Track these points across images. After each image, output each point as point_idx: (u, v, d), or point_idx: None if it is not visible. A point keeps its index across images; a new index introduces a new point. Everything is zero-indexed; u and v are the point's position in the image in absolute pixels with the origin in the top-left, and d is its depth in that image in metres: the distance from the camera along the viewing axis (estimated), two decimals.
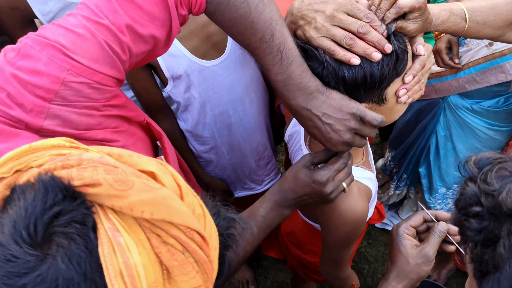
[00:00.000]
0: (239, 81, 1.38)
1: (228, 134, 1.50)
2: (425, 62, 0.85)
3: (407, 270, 0.87)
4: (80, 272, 0.40)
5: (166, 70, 1.29)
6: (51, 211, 0.41)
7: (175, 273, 0.44)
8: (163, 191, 0.45)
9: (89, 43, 0.65)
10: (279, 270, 2.36)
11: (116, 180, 0.42)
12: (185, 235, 0.45)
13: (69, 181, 0.42)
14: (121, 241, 0.41)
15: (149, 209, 0.42)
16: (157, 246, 0.43)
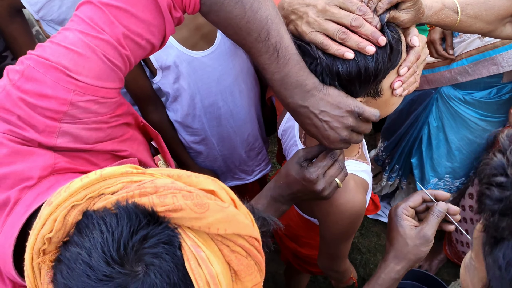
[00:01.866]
0: (229, 72, 1.37)
1: (218, 125, 1.49)
2: (419, 53, 0.84)
3: (405, 251, 0.86)
4: (169, 283, 0.46)
5: (155, 60, 1.28)
6: (138, 234, 0.46)
7: (242, 275, 0.51)
8: (231, 209, 0.52)
9: (90, 61, 0.66)
10: (272, 261, 2.36)
11: (195, 204, 0.49)
12: (248, 243, 0.52)
13: (152, 207, 0.48)
14: (203, 256, 0.48)
15: (223, 226, 0.49)
16: (227, 255, 0.51)
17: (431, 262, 2.25)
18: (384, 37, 0.76)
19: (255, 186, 1.86)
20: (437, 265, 2.26)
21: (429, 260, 2.26)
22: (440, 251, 2.23)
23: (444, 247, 2.17)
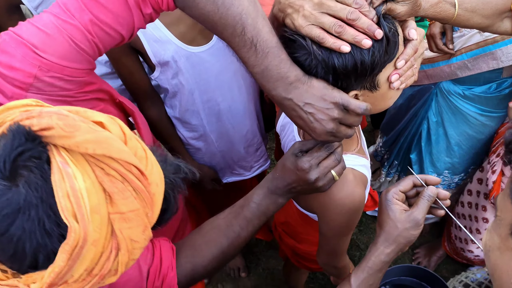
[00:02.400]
0: (227, 67, 1.36)
1: (216, 121, 1.48)
2: (417, 46, 0.83)
3: (395, 234, 0.87)
4: (37, 196, 0.51)
5: (153, 56, 1.27)
6: (16, 150, 0.51)
7: (116, 198, 0.54)
8: (105, 133, 0.55)
9: (57, 42, 0.74)
10: (270, 257, 2.36)
11: (66, 124, 0.53)
12: (123, 168, 0.55)
13: (29, 127, 0.52)
14: (69, 171, 0.52)
15: (92, 146, 0.53)
16: (100, 176, 0.54)
17: (430, 259, 2.25)
18: (381, 30, 0.75)
19: (253, 182, 1.85)
20: (436, 261, 2.26)
21: (428, 257, 2.25)
22: (439, 247, 2.22)
23: (443, 243, 2.17)
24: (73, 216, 0.51)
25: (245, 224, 0.93)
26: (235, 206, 0.97)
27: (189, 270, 0.92)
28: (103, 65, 1.42)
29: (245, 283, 2.28)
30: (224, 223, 0.94)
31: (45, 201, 0.51)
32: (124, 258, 0.58)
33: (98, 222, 0.53)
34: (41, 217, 0.51)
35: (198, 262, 0.92)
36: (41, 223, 0.51)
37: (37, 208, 0.51)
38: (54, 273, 0.52)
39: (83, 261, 0.53)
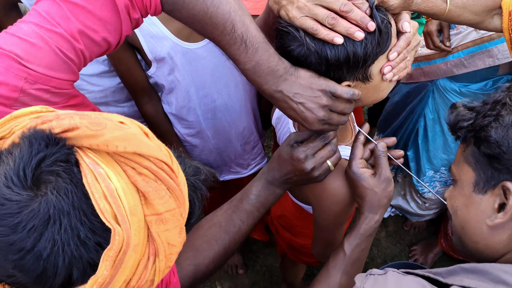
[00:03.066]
0: (223, 64, 1.35)
1: (213, 118, 1.48)
2: (410, 39, 0.85)
3: (377, 199, 0.91)
4: (68, 202, 0.46)
5: (149, 52, 1.27)
6: (37, 157, 0.46)
7: (151, 198, 0.50)
8: (133, 130, 0.52)
9: (43, 51, 0.68)
10: (268, 255, 2.36)
11: (91, 123, 0.49)
12: (155, 166, 0.51)
13: (50, 130, 0.48)
14: (101, 172, 0.47)
15: (122, 144, 0.48)
16: (132, 176, 0.49)
17: (426, 256, 2.26)
18: (373, 23, 0.76)
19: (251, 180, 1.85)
20: (432, 258, 2.26)
21: (425, 254, 2.26)
22: (436, 244, 2.23)
23: (439, 240, 2.18)
24: (114, 218, 0.47)
25: (245, 217, 0.94)
26: (233, 200, 0.97)
27: (191, 272, 0.90)
28: (100, 63, 1.41)
29: (243, 281, 2.28)
30: (224, 218, 0.94)
31: (77, 207, 0.47)
32: (161, 265, 0.53)
33: (136, 225, 0.49)
34: (74, 225, 0.46)
35: (201, 263, 0.91)
36: (75, 232, 0.46)
37: (70, 215, 0.46)
38: (98, 285, 0.47)
39: (124, 270, 0.49)
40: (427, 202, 1.97)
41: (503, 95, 0.69)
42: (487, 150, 0.66)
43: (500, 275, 0.61)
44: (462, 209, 0.72)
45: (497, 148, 0.65)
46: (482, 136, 0.67)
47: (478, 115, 0.69)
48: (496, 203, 0.66)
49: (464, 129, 0.70)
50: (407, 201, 2.08)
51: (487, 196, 0.67)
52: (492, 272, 0.62)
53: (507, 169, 0.64)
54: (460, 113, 0.71)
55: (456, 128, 0.72)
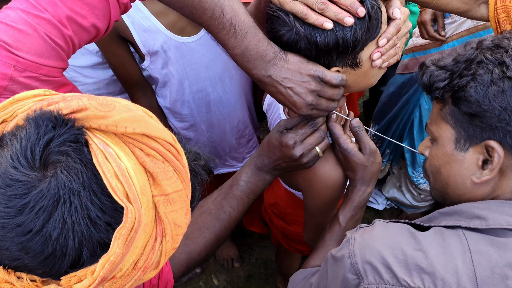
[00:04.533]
0: (218, 58, 1.34)
1: (207, 111, 1.47)
2: (401, 26, 0.84)
3: (368, 171, 0.93)
4: (79, 182, 0.46)
5: (142, 45, 1.25)
6: (45, 137, 0.45)
7: (159, 178, 0.50)
8: (141, 112, 0.52)
9: (31, 38, 0.67)
10: (264, 247, 2.36)
11: (100, 104, 0.49)
12: (163, 147, 0.51)
13: (57, 111, 0.47)
14: (111, 152, 0.47)
15: (131, 125, 0.49)
16: (141, 157, 0.49)
17: None
18: (363, 8, 0.76)
19: None
20: None
21: None
22: None
23: None
24: (125, 196, 0.47)
25: (235, 204, 0.94)
26: (222, 187, 0.97)
27: (184, 260, 0.90)
28: (94, 55, 1.40)
29: (239, 273, 2.28)
30: (214, 206, 0.94)
31: (88, 187, 0.46)
32: (168, 246, 0.54)
33: (146, 204, 0.49)
34: (85, 205, 0.46)
35: (192, 250, 0.91)
36: (85, 211, 0.46)
37: (80, 195, 0.46)
38: (110, 263, 0.46)
39: (134, 250, 0.49)
40: (422, 193, 1.97)
41: (476, 53, 0.69)
42: (468, 109, 0.67)
43: (474, 211, 0.65)
44: (445, 167, 0.73)
45: (479, 107, 0.65)
46: (461, 96, 0.67)
47: (454, 75, 0.69)
48: (480, 160, 0.67)
49: (440, 89, 0.71)
50: (402, 193, 2.08)
51: (470, 153, 0.68)
52: (466, 210, 0.67)
53: (489, 126, 0.65)
54: (434, 74, 0.71)
55: (433, 89, 0.72)
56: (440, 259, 0.62)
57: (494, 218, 0.64)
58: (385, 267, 0.64)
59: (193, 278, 2.22)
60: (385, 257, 0.65)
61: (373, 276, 0.65)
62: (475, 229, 0.64)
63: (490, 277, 0.60)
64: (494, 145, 0.65)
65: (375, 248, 0.67)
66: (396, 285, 0.63)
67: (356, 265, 0.67)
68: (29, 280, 0.49)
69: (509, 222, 0.63)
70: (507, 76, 0.64)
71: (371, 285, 0.65)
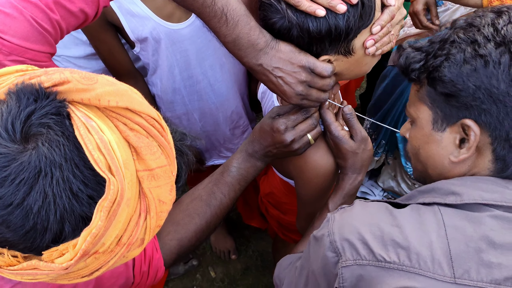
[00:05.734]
0: (208, 45, 1.34)
1: (199, 99, 1.47)
2: (394, 13, 0.84)
3: (358, 159, 0.93)
4: (60, 154, 0.45)
5: (131, 31, 1.25)
6: (26, 110, 0.45)
7: (143, 153, 0.50)
8: (124, 86, 0.51)
9: (17, 21, 0.66)
10: (260, 239, 2.37)
11: (82, 77, 0.48)
12: (147, 122, 0.51)
13: (39, 84, 0.46)
14: (93, 124, 0.47)
15: (114, 99, 0.48)
16: (124, 131, 0.49)
17: None
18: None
19: None
20: None
21: None
22: None
23: None
24: (108, 169, 0.46)
25: (226, 190, 0.94)
26: (214, 174, 0.97)
27: (174, 247, 0.90)
28: (88, 45, 1.39)
29: (235, 266, 2.28)
30: (205, 192, 0.94)
31: (70, 160, 0.46)
32: (152, 223, 0.53)
33: (129, 179, 0.48)
34: (66, 177, 0.45)
35: (183, 237, 0.91)
36: (67, 184, 0.45)
37: (62, 168, 0.45)
38: (92, 236, 0.46)
39: (117, 224, 0.48)
40: (416, 183, 1.97)
41: (450, 32, 0.69)
42: (443, 89, 0.67)
43: (449, 188, 0.66)
44: (424, 148, 0.74)
45: (453, 87, 0.65)
46: (436, 77, 0.67)
47: (429, 56, 0.69)
48: (457, 139, 0.68)
49: (416, 71, 0.71)
50: (398, 183, 2.08)
51: (447, 133, 0.69)
52: (442, 187, 0.67)
53: (465, 105, 0.65)
54: (410, 55, 0.71)
55: (409, 71, 0.72)
56: (415, 234, 0.63)
57: (468, 193, 0.64)
58: (362, 243, 0.65)
59: (190, 270, 2.23)
60: (362, 234, 0.66)
61: (350, 253, 0.66)
62: (451, 204, 0.65)
63: (464, 250, 0.60)
64: (470, 123, 0.65)
65: (353, 225, 0.68)
66: (372, 260, 0.64)
67: (335, 243, 0.68)
68: (11, 256, 0.49)
69: (483, 197, 0.63)
70: (479, 55, 0.63)
71: (348, 261, 0.66)
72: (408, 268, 0.62)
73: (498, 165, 0.66)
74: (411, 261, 0.62)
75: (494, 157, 0.66)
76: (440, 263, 0.60)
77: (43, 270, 0.48)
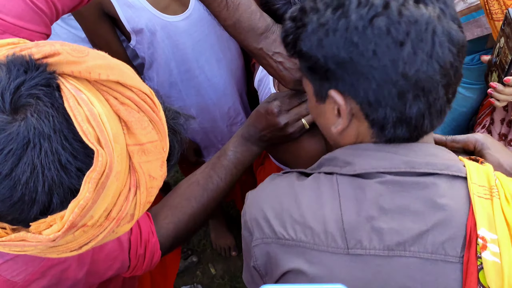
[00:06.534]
0: (204, 39, 1.34)
1: (196, 94, 1.46)
2: None
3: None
4: (49, 125, 0.45)
5: (126, 22, 1.24)
6: (16, 81, 0.45)
7: (134, 127, 0.50)
8: (115, 60, 0.51)
9: (12, 0, 0.66)
10: None
11: (73, 49, 0.48)
12: (138, 97, 0.50)
13: (29, 56, 0.46)
14: (83, 97, 0.46)
15: (105, 72, 0.48)
16: (115, 105, 0.49)
17: None
18: None
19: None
20: None
21: None
22: None
23: None
24: (97, 141, 0.46)
25: (223, 173, 0.93)
26: (212, 159, 0.97)
27: (171, 231, 0.89)
28: (87, 42, 1.39)
29: (236, 262, 2.28)
30: (202, 176, 0.94)
31: (59, 131, 0.45)
32: (142, 198, 0.53)
33: (119, 152, 0.48)
34: (55, 149, 0.45)
35: (180, 220, 0.90)
36: (56, 156, 0.45)
37: (50, 139, 0.45)
38: (80, 207, 0.46)
39: (105, 197, 0.48)
40: None
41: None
42: (305, 63, 0.65)
43: (346, 158, 0.66)
44: (317, 120, 0.73)
45: (310, 59, 0.63)
46: (298, 51, 0.65)
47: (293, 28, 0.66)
48: (335, 110, 0.65)
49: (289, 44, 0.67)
50: None
51: (326, 104, 0.66)
52: (340, 157, 0.67)
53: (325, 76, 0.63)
54: (285, 27, 0.68)
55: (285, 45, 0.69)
56: (310, 208, 0.63)
57: (360, 163, 0.64)
58: (266, 221, 0.65)
59: (189, 267, 2.22)
60: (265, 212, 0.66)
61: (258, 231, 0.66)
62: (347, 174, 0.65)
63: (356, 220, 0.60)
64: (333, 94, 0.63)
65: (259, 203, 0.68)
66: (274, 237, 0.64)
67: (247, 222, 0.69)
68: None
69: (372, 165, 0.63)
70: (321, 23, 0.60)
71: (257, 240, 0.66)
72: (304, 244, 0.62)
73: (375, 129, 0.64)
74: (307, 236, 0.62)
75: (369, 123, 0.63)
76: (334, 235, 0.61)
77: (31, 242, 0.48)
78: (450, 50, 0.59)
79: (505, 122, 1.58)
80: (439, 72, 0.59)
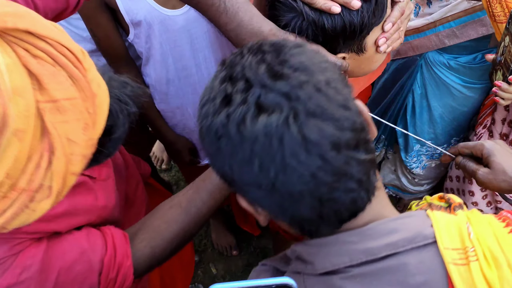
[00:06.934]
0: (203, 36, 1.32)
1: (193, 93, 1.44)
2: (404, 8, 0.84)
3: None
4: None
5: (125, 13, 1.23)
6: None
7: (45, 81, 0.44)
8: (27, 8, 0.45)
9: None
10: (261, 236, 2.35)
11: None
12: (54, 49, 0.45)
13: None
14: None
15: (12, 20, 0.42)
16: (24, 57, 0.43)
17: None
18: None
19: None
20: None
21: None
22: None
23: None
24: None
25: (207, 197, 0.87)
26: (196, 181, 0.91)
27: (147, 256, 0.84)
28: (88, 41, 1.39)
29: (237, 262, 2.28)
30: (185, 199, 0.88)
31: None
32: (60, 166, 0.46)
33: (23, 108, 0.41)
34: None
35: (158, 245, 0.85)
36: None
37: None
38: None
39: (3, 159, 0.41)
40: (416, 177, 1.95)
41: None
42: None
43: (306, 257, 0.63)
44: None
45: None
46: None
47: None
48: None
49: None
50: (398, 177, 2.05)
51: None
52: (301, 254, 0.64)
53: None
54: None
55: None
56: None
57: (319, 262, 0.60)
58: None
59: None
60: None
61: None
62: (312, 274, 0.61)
63: None
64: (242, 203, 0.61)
65: None
66: None
67: None
68: None
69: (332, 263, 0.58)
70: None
71: None
72: None
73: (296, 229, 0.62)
74: None
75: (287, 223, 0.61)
76: None
77: None
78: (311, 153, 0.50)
79: (506, 122, 1.56)
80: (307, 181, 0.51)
